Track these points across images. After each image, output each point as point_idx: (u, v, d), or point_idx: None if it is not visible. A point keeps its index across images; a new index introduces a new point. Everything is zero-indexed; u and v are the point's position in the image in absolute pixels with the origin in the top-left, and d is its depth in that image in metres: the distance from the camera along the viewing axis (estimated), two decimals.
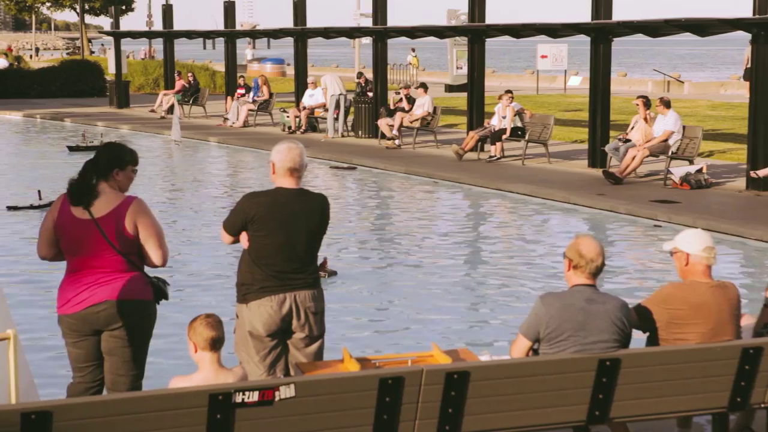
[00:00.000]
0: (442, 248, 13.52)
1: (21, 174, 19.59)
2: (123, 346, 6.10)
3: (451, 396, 4.99)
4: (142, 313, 6.10)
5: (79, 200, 6.03)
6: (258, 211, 6.08)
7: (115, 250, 5.99)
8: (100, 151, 6.24)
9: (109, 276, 6.02)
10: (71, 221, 6.03)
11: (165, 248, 6.15)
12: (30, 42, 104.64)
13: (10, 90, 39.79)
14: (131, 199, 6.09)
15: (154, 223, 6.13)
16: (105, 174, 6.08)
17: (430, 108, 23.56)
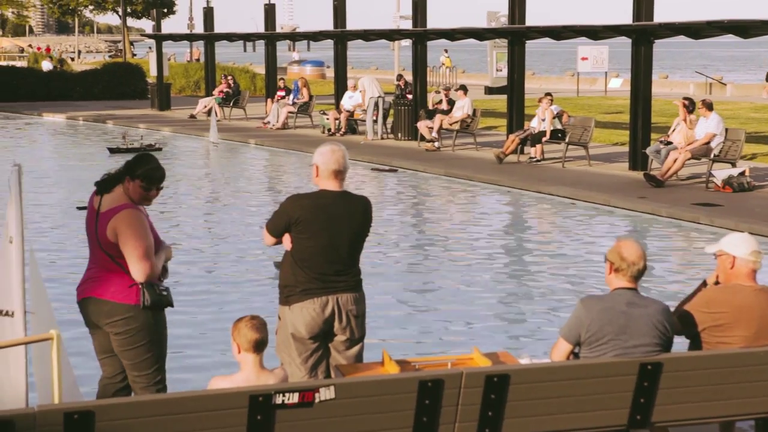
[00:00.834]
0: (481, 250, 13.48)
1: (63, 175, 19.77)
2: (122, 349, 6.17)
3: (491, 399, 4.97)
4: (123, 316, 6.09)
5: (98, 186, 6.22)
6: (302, 213, 6.09)
7: (102, 250, 6.11)
8: (134, 157, 6.33)
9: (98, 272, 6.15)
10: (89, 210, 6.25)
11: (145, 265, 6.03)
12: (73, 45, 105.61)
13: (54, 92, 40.20)
14: (121, 208, 6.10)
15: (136, 236, 6.04)
16: (120, 178, 6.20)
17: (469, 110, 23.52)
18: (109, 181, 6.21)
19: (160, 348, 6.27)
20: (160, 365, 6.28)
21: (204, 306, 10.52)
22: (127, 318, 6.08)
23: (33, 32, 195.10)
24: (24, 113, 35.51)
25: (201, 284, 11.47)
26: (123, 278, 6.08)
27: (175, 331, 7.00)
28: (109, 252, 6.07)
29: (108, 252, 6.07)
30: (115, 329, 6.10)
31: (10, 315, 5.54)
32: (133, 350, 6.14)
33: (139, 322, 6.11)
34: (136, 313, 6.09)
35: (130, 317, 6.08)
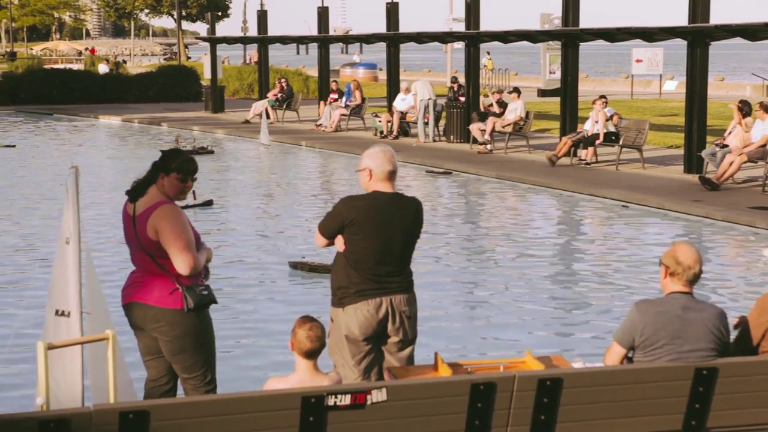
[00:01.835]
0: (533, 254, 13.42)
1: (118, 177, 19.98)
2: (172, 354, 6.20)
3: (544, 403, 4.94)
4: (168, 320, 6.11)
5: (130, 194, 6.24)
6: (356, 215, 6.11)
7: (143, 251, 6.11)
8: (163, 155, 6.36)
9: (141, 277, 6.17)
10: (124, 215, 6.27)
11: (188, 257, 6.02)
12: (129, 48, 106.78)
13: (110, 95, 40.66)
14: (160, 204, 6.13)
15: (176, 230, 6.05)
16: (153, 177, 6.22)
17: (522, 113, 23.43)
18: (141, 186, 6.22)
19: (209, 349, 6.30)
20: (209, 366, 6.31)
21: (247, 304, 10.59)
22: (173, 323, 6.10)
23: (90, 35, 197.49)
24: (80, 115, 35.96)
25: (247, 284, 11.53)
26: (165, 282, 6.10)
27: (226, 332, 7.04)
28: (150, 252, 6.08)
29: (149, 252, 6.08)
30: (162, 334, 6.13)
31: (66, 315, 5.61)
32: (182, 354, 6.17)
33: (185, 326, 6.12)
34: (182, 318, 6.11)
35: (175, 322, 6.10)
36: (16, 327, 9.71)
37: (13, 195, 18.39)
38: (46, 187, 19.15)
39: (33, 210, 16.70)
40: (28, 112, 37.26)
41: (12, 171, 21.90)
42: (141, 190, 6.20)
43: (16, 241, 14.16)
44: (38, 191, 18.68)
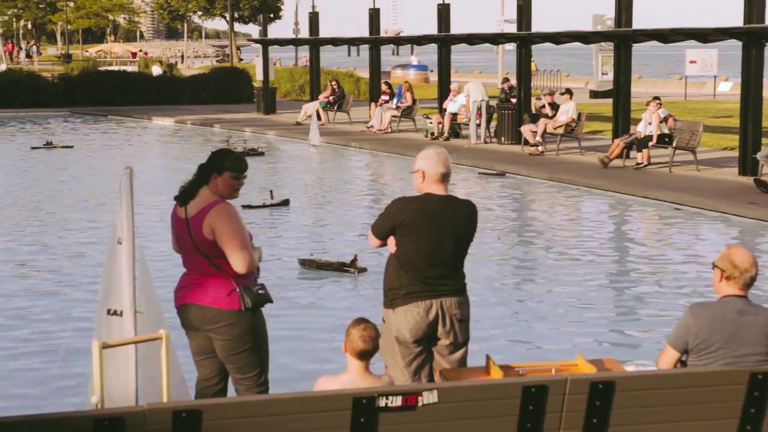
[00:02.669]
0: (585, 256, 13.34)
1: (171, 178, 20.15)
2: (227, 354, 6.23)
3: (596, 406, 4.91)
4: (227, 321, 6.14)
5: (180, 198, 6.26)
6: (408, 217, 6.11)
7: (199, 252, 6.13)
8: (212, 155, 6.38)
9: (199, 278, 6.19)
10: (175, 220, 6.29)
11: (245, 255, 6.07)
12: (181, 50, 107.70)
13: (163, 96, 41.02)
14: (215, 203, 6.17)
15: (233, 228, 6.09)
16: (205, 178, 6.24)
17: (574, 114, 23.29)
18: (190, 188, 6.25)
19: (264, 350, 6.34)
20: (263, 367, 6.34)
21: (296, 304, 10.63)
22: (231, 324, 6.13)
23: (143, 38, 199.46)
24: (134, 117, 36.31)
25: (295, 285, 11.58)
26: (222, 282, 6.13)
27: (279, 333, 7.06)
28: (206, 253, 6.11)
29: (205, 253, 6.11)
30: (219, 335, 6.16)
31: (118, 314, 5.66)
32: (238, 355, 6.20)
33: (243, 327, 6.16)
34: (240, 318, 6.15)
35: (233, 323, 6.14)
36: (70, 327, 9.83)
37: (70, 195, 18.62)
38: (101, 187, 19.36)
39: (89, 210, 16.88)
40: (83, 113, 37.69)
41: (70, 172, 22.18)
42: (191, 193, 6.23)
43: (72, 240, 14.34)
44: (94, 192, 18.89)
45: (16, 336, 9.75)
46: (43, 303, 10.93)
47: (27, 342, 9.54)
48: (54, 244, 14.09)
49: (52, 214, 16.57)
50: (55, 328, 9.93)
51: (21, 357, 9.08)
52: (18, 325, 10.14)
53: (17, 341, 9.57)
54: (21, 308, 10.76)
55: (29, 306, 10.83)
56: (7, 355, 9.13)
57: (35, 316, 10.43)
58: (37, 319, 10.31)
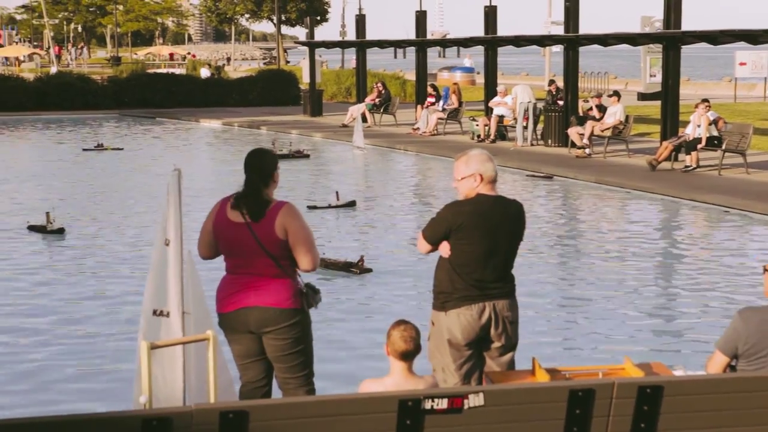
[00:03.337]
0: (633, 259, 13.24)
1: (218, 179, 20.28)
2: (282, 354, 6.24)
3: (644, 410, 4.87)
4: (291, 320, 6.18)
5: (249, 205, 6.18)
6: (464, 221, 6.09)
7: (266, 254, 6.12)
8: (260, 158, 6.35)
9: (260, 280, 6.17)
10: (227, 225, 6.23)
11: (314, 253, 6.21)
12: (229, 52, 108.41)
13: (211, 99, 41.31)
14: (282, 204, 6.22)
15: (304, 227, 6.21)
16: (267, 181, 6.26)
17: (622, 116, 23.14)
18: (259, 193, 6.24)
19: (312, 349, 6.38)
20: (311, 367, 6.38)
21: (350, 308, 10.65)
22: (293, 324, 6.19)
23: (191, 40, 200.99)
24: (182, 119, 36.60)
25: (350, 288, 11.60)
26: (286, 283, 6.17)
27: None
28: (274, 254, 6.13)
29: (273, 254, 6.13)
30: (279, 335, 6.18)
31: (165, 315, 5.71)
32: (293, 354, 6.24)
33: (303, 326, 6.25)
34: (301, 318, 6.23)
35: (295, 323, 6.19)
36: (118, 326, 9.92)
37: (120, 197, 18.80)
38: (150, 189, 19.53)
39: (139, 212, 17.02)
40: (132, 115, 38.07)
41: (120, 173, 22.40)
42: (264, 203, 6.22)
43: (122, 241, 14.46)
44: (144, 193, 19.06)
45: (63, 335, 9.85)
46: (92, 303, 11.03)
47: (75, 342, 9.64)
48: (104, 245, 14.21)
49: (104, 215, 16.72)
50: (103, 328, 10.02)
51: (69, 357, 9.18)
52: (66, 325, 10.24)
53: (65, 340, 9.67)
54: (71, 309, 10.87)
55: (79, 307, 10.93)
56: (56, 355, 9.23)
57: (84, 316, 10.53)
58: (85, 320, 10.41)
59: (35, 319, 10.43)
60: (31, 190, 19.67)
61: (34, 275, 12.33)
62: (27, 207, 17.17)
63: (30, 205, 17.31)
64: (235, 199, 6.26)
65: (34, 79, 42.19)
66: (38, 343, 9.56)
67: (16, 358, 9.15)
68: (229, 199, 6.32)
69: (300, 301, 6.21)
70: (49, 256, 13.56)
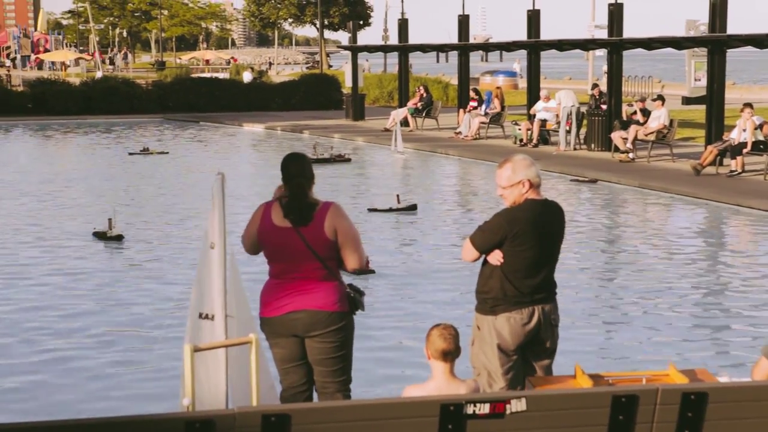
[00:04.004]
0: (677, 264, 13.14)
1: (261, 183, 20.37)
2: (326, 357, 6.24)
3: (688, 417, 4.82)
4: (338, 324, 6.19)
5: (298, 211, 6.19)
6: (520, 228, 6.08)
7: (315, 257, 6.13)
8: (301, 162, 6.37)
9: (308, 284, 6.18)
10: (273, 230, 6.24)
11: (362, 252, 6.26)
12: (272, 57, 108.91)
13: (254, 103, 41.50)
14: (329, 204, 6.25)
15: (352, 226, 6.27)
16: (310, 183, 6.30)
17: (666, 121, 22.98)
18: (303, 194, 6.26)
19: (352, 355, 6.39)
20: (350, 373, 6.39)
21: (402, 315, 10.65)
22: (341, 326, 6.22)
23: (235, 45, 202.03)
24: (226, 123, 36.79)
25: (387, 294, 11.61)
26: (334, 286, 6.20)
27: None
28: (322, 256, 6.15)
29: (322, 256, 6.15)
30: (326, 338, 6.20)
31: (210, 318, 5.73)
32: (335, 358, 6.25)
33: (350, 329, 6.29)
34: (349, 321, 6.27)
35: (343, 326, 6.23)
36: (163, 330, 9.99)
37: (167, 200, 18.93)
38: (196, 192, 19.66)
39: (191, 216, 17.13)
40: (176, 120, 38.33)
41: (166, 176, 22.56)
42: (312, 208, 6.24)
43: (167, 244, 14.56)
44: (195, 196, 19.20)
45: (107, 335, 9.93)
46: (138, 306, 11.12)
47: (119, 343, 9.72)
48: (153, 248, 14.30)
49: (159, 219, 16.82)
50: (148, 331, 10.09)
51: (112, 357, 9.25)
52: (111, 325, 10.33)
53: (109, 339, 9.75)
54: (115, 311, 10.95)
55: (125, 310, 11.01)
56: (99, 355, 9.31)
57: (129, 318, 10.61)
58: (129, 323, 10.49)
59: (88, 319, 10.52)
60: (84, 194, 19.78)
61: (90, 280, 12.36)
62: (85, 212, 17.36)
63: (85, 210, 17.52)
64: (282, 205, 6.26)
65: (80, 84, 42.61)
66: (88, 346, 9.64)
67: (67, 360, 9.23)
68: (271, 204, 6.31)
69: (347, 304, 6.24)
70: (108, 262, 13.55)
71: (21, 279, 12.47)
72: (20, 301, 11.36)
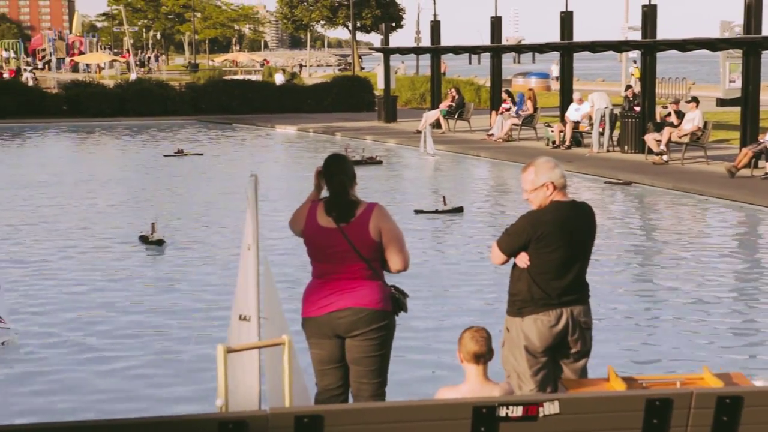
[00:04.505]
0: (711, 267, 13.04)
1: (293, 185, 20.42)
2: (366, 356, 6.24)
3: (723, 421, 4.79)
4: (381, 322, 6.20)
5: (347, 216, 6.21)
6: (544, 230, 6.08)
7: (359, 257, 6.14)
8: (342, 162, 6.40)
9: (352, 283, 6.19)
10: (317, 230, 6.26)
11: (406, 252, 6.27)
12: (304, 59, 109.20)
13: (287, 105, 41.58)
14: (373, 205, 6.26)
15: (396, 227, 6.28)
16: (352, 182, 6.31)
17: (700, 123, 22.82)
18: (345, 193, 6.28)
19: (390, 357, 6.39)
20: (386, 375, 6.39)
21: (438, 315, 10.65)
22: (383, 325, 6.23)
23: (267, 47, 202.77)
24: (258, 125, 36.90)
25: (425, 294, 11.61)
26: (378, 285, 6.22)
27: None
28: (367, 256, 6.17)
29: (366, 257, 6.17)
30: (369, 336, 6.21)
31: (247, 320, 5.76)
32: (375, 357, 6.25)
33: (391, 329, 6.31)
34: (391, 321, 6.29)
35: (385, 325, 6.24)
36: (197, 330, 10.04)
37: (204, 201, 19.01)
38: (231, 193, 19.74)
39: (230, 217, 17.20)
40: (209, 121, 38.48)
41: (200, 178, 22.66)
42: (355, 207, 6.26)
43: (204, 246, 14.62)
44: (225, 198, 19.28)
45: (142, 335, 9.99)
46: (174, 308, 11.17)
47: (153, 344, 9.77)
48: (190, 251, 14.34)
49: (190, 220, 16.90)
50: (182, 332, 10.14)
51: (148, 358, 9.31)
52: (146, 326, 10.39)
53: (144, 341, 9.81)
54: (151, 312, 11.02)
55: (162, 309, 11.07)
56: (134, 356, 9.36)
57: (166, 318, 10.67)
58: (166, 324, 10.55)
59: (124, 320, 10.59)
60: (122, 197, 19.87)
61: (129, 282, 12.39)
62: (125, 214, 17.49)
63: (125, 213, 17.66)
64: (325, 204, 6.29)
65: (114, 86, 42.89)
66: (124, 347, 9.70)
67: (103, 360, 9.30)
68: (317, 205, 6.34)
69: (391, 304, 6.25)
70: (147, 265, 13.53)
71: (59, 280, 12.55)
72: (58, 302, 11.43)
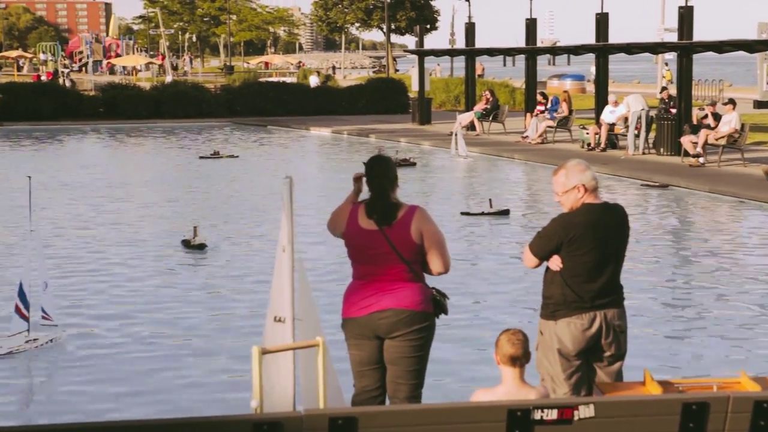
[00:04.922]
0: (748, 271, 12.93)
1: (329, 186, 20.47)
2: (405, 356, 6.24)
3: (760, 426, 4.75)
4: (422, 324, 6.21)
5: (389, 218, 6.21)
6: (576, 233, 6.06)
7: (400, 259, 6.15)
8: (385, 163, 6.39)
9: (394, 285, 6.19)
10: (359, 232, 6.27)
11: (447, 255, 6.28)
12: (339, 61, 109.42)
13: (321, 107, 41.67)
14: (415, 208, 6.27)
15: (438, 230, 6.28)
16: (393, 185, 6.31)
17: (737, 125, 22.64)
18: (385, 195, 6.28)
19: (428, 359, 6.39)
20: (423, 377, 6.39)
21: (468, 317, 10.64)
22: (424, 326, 6.24)
23: (302, 49, 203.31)
24: (293, 127, 37.01)
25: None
26: (419, 287, 6.23)
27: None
28: (408, 259, 6.17)
29: (407, 259, 6.17)
30: (409, 336, 6.21)
31: (282, 321, 5.78)
32: (413, 358, 6.26)
33: (432, 330, 6.31)
34: (432, 322, 6.29)
35: (426, 326, 6.25)
36: (233, 331, 10.08)
37: (241, 204, 19.06)
38: (267, 194, 19.80)
39: (260, 219, 17.25)
40: (244, 123, 38.63)
41: (235, 180, 22.74)
42: (396, 209, 6.26)
43: (240, 248, 14.66)
44: (263, 200, 19.34)
45: (186, 338, 10.04)
46: (211, 309, 11.21)
47: (189, 345, 9.82)
48: (228, 253, 14.37)
49: (229, 222, 16.94)
50: (219, 334, 10.18)
51: (185, 360, 9.35)
52: (183, 327, 10.44)
53: (188, 342, 9.86)
54: (190, 315, 11.06)
55: (199, 314, 11.11)
56: (179, 358, 9.41)
57: (201, 318, 10.72)
58: (201, 325, 10.59)
59: (161, 322, 10.66)
60: (161, 199, 19.94)
61: (170, 285, 12.44)
62: (164, 216, 17.59)
63: (164, 215, 17.76)
64: (366, 206, 6.30)
65: (150, 88, 43.16)
66: (161, 348, 9.75)
67: (140, 361, 9.36)
68: (358, 207, 6.35)
69: (432, 305, 6.25)
70: (189, 270, 13.50)
71: (103, 280, 12.63)
72: (103, 303, 11.51)
